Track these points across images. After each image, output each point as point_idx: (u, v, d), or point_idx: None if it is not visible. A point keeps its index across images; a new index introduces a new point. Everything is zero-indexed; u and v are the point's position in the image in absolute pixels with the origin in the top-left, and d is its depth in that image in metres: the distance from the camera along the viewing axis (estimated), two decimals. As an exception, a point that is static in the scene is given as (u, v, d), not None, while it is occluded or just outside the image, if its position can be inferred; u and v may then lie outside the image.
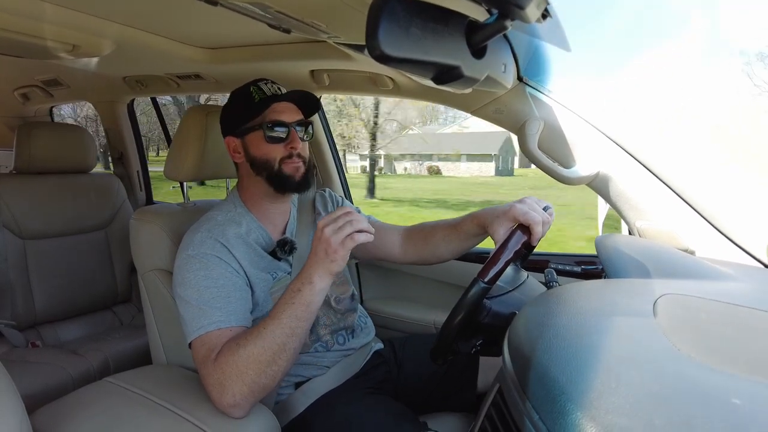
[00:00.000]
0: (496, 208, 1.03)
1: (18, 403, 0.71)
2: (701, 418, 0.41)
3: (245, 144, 1.06)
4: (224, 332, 0.89)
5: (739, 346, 0.55)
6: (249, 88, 1.05)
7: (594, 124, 1.08)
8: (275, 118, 1.03)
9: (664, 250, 0.93)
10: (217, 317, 0.90)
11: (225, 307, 0.91)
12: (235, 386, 0.83)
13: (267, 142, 1.03)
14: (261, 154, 1.04)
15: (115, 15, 1.05)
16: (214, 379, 0.84)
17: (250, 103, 1.03)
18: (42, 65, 1.63)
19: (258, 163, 1.05)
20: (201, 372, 0.88)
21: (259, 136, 1.03)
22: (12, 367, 0.78)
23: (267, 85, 1.05)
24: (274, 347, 0.83)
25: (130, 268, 2.00)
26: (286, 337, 0.84)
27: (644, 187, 1.03)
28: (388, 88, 1.33)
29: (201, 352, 0.88)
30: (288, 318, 0.84)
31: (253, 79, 1.07)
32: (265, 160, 1.04)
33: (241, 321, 0.92)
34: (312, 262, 0.86)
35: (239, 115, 1.06)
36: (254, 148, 1.05)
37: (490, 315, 0.85)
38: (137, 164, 2.35)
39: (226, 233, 1.00)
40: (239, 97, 1.06)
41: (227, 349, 0.85)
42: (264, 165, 1.04)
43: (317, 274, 0.85)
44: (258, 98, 1.03)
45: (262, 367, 0.83)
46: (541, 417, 0.48)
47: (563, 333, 0.57)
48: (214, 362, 0.85)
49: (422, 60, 0.59)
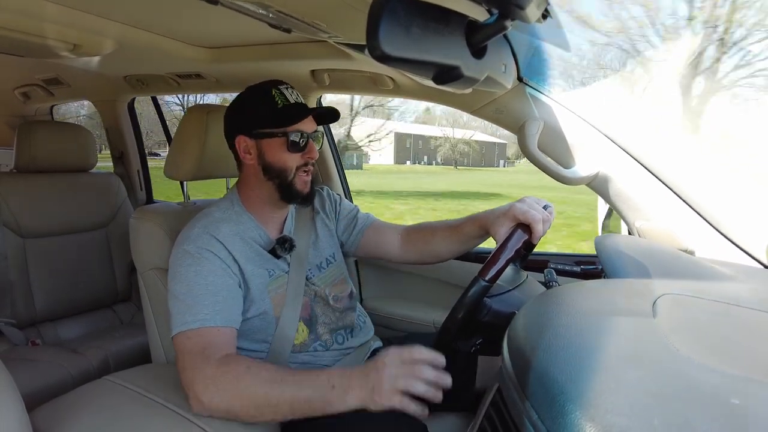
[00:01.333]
0: (496, 209, 1.04)
1: (18, 401, 0.71)
2: (700, 418, 0.41)
3: (260, 147, 1.04)
4: (211, 330, 0.88)
5: (739, 347, 0.56)
6: (270, 91, 1.03)
7: (594, 125, 1.08)
8: (299, 128, 1.02)
9: (664, 250, 0.93)
10: (202, 315, 0.89)
11: (212, 305, 0.90)
12: (217, 395, 0.81)
13: (288, 151, 1.02)
14: (278, 161, 1.03)
15: (116, 14, 1.05)
16: (203, 375, 0.82)
17: (273, 108, 1.01)
18: (43, 64, 1.63)
19: (273, 169, 1.04)
20: (185, 362, 0.85)
21: (278, 143, 1.02)
22: (12, 365, 0.79)
23: (288, 91, 1.04)
24: (271, 402, 0.80)
25: (130, 267, 2.00)
26: (287, 405, 0.80)
27: (644, 188, 1.03)
28: (388, 88, 1.33)
29: (187, 344, 0.87)
30: (303, 396, 0.80)
31: (271, 80, 1.05)
32: (282, 168, 1.03)
33: (228, 322, 0.92)
34: (361, 379, 0.80)
35: (259, 117, 1.03)
36: (271, 155, 1.03)
37: (491, 313, 0.85)
38: (137, 163, 2.35)
39: (222, 229, 1.00)
40: (258, 99, 1.04)
41: (235, 363, 0.84)
42: (279, 172, 1.03)
43: (355, 393, 0.80)
44: (282, 104, 1.01)
45: (250, 405, 0.81)
46: (540, 417, 0.48)
47: (563, 333, 0.57)
48: (214, 362, 0.84)
49: (422, 60, 0.59)
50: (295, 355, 1.04)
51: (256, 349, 1.02)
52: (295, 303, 1.05)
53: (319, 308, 1.11)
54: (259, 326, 1.02)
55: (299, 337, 1.05)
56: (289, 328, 1.04)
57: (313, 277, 1.12)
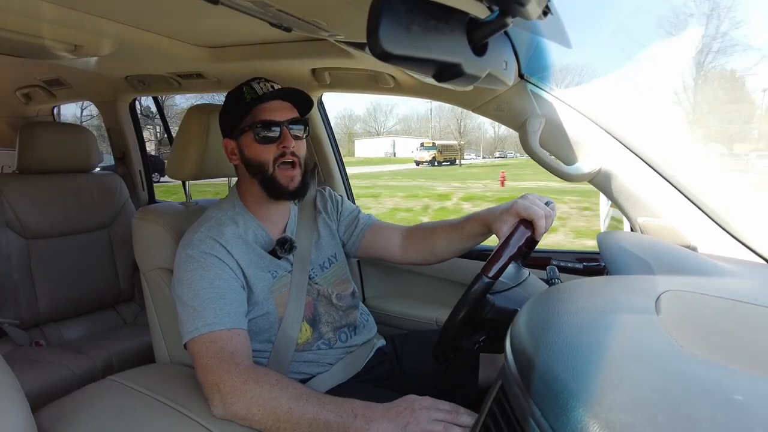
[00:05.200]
0: (497, 206, 1.04)
1: (23, 401, 0.71)
2: (704, 415, 0.41)
3: (240, 146, 1.05)
4: (221, 334, 0.89)
5: (742, 343, 0.55)
6: (242, 88, 1.04)
7: (596, 121, 1.07)
8: (265, 117, 1.01)
9: (667, 246, 0.93)
10: (211, 319, 0.90)
11: (220, 308, 0.91)
12: (242, 401, 0.82)
13: (258, 143, 1.02)
14: (253, 155, 1.03)
15: (116, 15, 1.05)
16: (230, 379, 0.84)
17: (241, 103, 1.02)
18: (44, 65, 1.64)
19: (252, 165, 1.04)
20: (211, 365, 0.86)
21: (250, 138, 1.02)
22: (16, 366, 0.79)
23: (260, 84, 1.03)
24: (292, 418, 0.81)
25: (133, 267, 2.01)
26: (307, 425, 0.81)
27: (646, 184, 1.03)
28: (389, 86, 1.33)
29: (210, 348, 0.88)
30: (324, 419, 0.81)
31: (248, 79, 1.06)
32: (258, 162, 1.03)
33: (235, 323, 0.92)
34: (387, 412, 0.81)
35: (233, 116, 1.05)
36: (247, 150, 1.04)
37: (493, 310, 0.85)
38: (139, 163, 2.36)
39: (225, 233, 1.00)
40: (232, 98, 1.05)
41: (264, 374, 0.85)
42: (258, 167, 1.03)
43: (379, 424, 0.80)
44: (249, 98, 1.02)
45: (271, 418, 0.82)
46: (543, 414, 0.48)
47: (566, 330, 0.57)
48: (244, 369, 0.85)
49: (423, 57, 0.59)
50: (298, 353, 1.05)
51: (260, 349, 1.03)
52: (298, 303, 1.06)
53: (323, 307, 1.11)
54: (263, 326, 1.02)
55: (302, 336, 1.05)
56: (292, 328, 1.04)
57: (316, 277, 1.12)
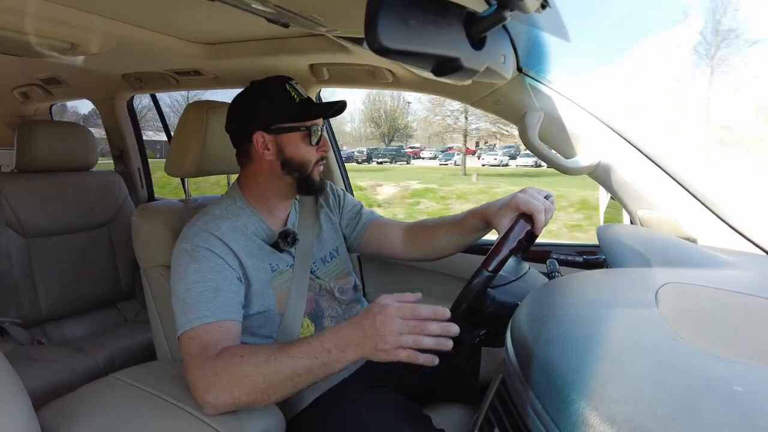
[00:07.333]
0: (497, 201, 1.04)
1: (25, 400, 0.72)
2: (704, 406, 0.41)
3: (280, 143, 1.04)
4: (212, 327, 0.88)
5: (742, 334, 0.56)
6: (284, 86, 1.04)
7: (594, 114, 1.07)
8: (316, 122, 1.06)
9: (666, 239, 0.93)
10: (203, 312, 0.89)
11: (213, 300, 0.91)
12: (221, 392, 0.81)
13: (308, 145, 1.04)
14: (299, 155, 1.04)
15: (112, 12, 1.05)
16: (203, 375, 0.82)
17: (291, 103, 1.03)
18: (41, 64, 1.63)
19: (293, 163, 1.04)
20: (188, 364, 0.86)
21: (299, 138, 1.03)
22: (18, 364, 0.79)
23: (299, 86, 1.06)
24: (273, 382, 0.80)
25: (133, 264, 2.01)
26: (290, 380, 0.80)
27: (645, 177, 1.03)
28: (387, 81, 1.32)
29: (190, 345, 0.87)
30: (302, 367, 0.80)
31: (279, 76, 1.07)
32: (303, 162, 1.05)
33: (229, 315, 0.91)
34: (355, 333, 0.79)
35: (277, 113, 1.03)
36: (292, 149, 1.04)
37: (494, 304, 0.85)
38: (138, 161, 2.35)
39: (221, 226, 1.00)
40: (274, 95, 1.04)
41: (228, 356, 0.83)
42: (299, 166, 1.05)
43: (352, 349, 0.79)
44: (298, 99, 1.03)
45: (254, 391, 0.81)
46: (544, 407, 0.49)
47: (566, 323, 0.58)
48: (211, 360, 0.83)
49: (421, 52, 0.59)
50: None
51: (261, 345, 1.03)
52: (300, 298, 1.06)
53: (325, 302, 1.11)
54: (264, 322, 1.02)
55: (304, 332, 1.05)
56: (294, 324, 1.04)
57: (318, 271, 1.13)
